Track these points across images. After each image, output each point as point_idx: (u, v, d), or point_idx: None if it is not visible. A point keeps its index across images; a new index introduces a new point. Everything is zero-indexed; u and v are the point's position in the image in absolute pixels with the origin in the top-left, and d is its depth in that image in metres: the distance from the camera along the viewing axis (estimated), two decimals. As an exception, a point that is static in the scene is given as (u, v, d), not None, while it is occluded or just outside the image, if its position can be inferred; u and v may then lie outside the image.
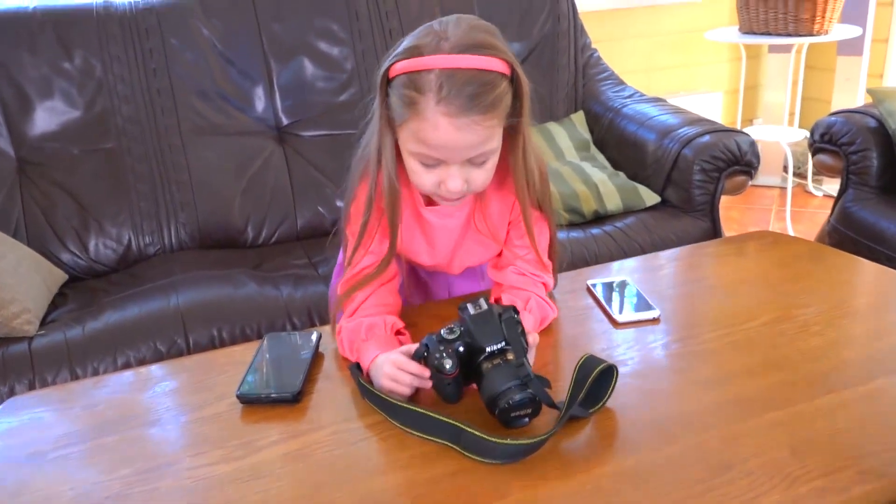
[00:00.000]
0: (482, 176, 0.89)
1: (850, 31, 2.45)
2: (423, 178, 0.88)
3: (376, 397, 0.84)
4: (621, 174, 1.83)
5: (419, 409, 0.80)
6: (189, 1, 1.83)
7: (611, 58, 2.27)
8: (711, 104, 2.92)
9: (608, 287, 1.10)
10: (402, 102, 0.83)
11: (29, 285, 1.43)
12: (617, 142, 1.93)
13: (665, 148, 1.77)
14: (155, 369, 0.98)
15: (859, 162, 1.74)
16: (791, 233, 2.59)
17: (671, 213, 1.73)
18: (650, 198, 1.75)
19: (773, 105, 2.97)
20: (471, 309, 0.82)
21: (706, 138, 1.71)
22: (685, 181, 1.71)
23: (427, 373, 0.83)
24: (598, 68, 2.14)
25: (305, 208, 1.83)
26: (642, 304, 1.04)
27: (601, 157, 1.92)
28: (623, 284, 1.11)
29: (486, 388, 0.78)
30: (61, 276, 1.62)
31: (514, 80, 0.84)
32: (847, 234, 1.73)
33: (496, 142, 0.87)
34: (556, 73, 2.06)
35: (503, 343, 0.79)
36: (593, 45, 2.18)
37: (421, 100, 0.81)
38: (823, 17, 2.32)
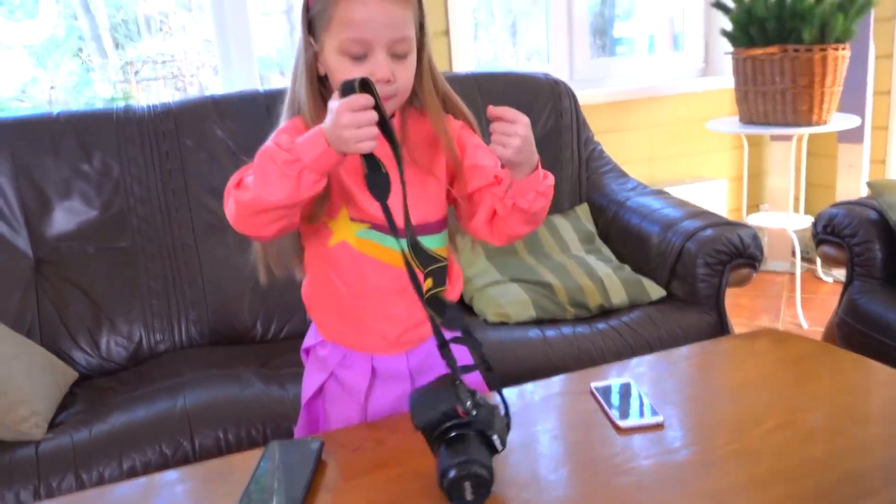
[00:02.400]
0: (405, 71, 0.97)
1: (848, 122, 2.51)
2: (352, 74, 0.89)
3: None
4: (626, 267, 1.85)
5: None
6: (205, 104, 1.91)
7: (613, 149, 2.33)
8: (716, 191, 2.96)
9: (611, 390, 1.10)
10: None
11: (40, 386, 1.45)
12: (621, 234, 1.96)
13: (669, 241, 1.79)
14: (158, 479, 0.98)
15: (863, 254, 1.75)
16: (802, 321, 2.58)
17: (677, 307, 1.74)
18: (655, 291, 1.76)
19: (778, 191, 3.01)
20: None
21: (708, 232, 1.73)
22: (690, 275, 1.72)
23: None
24: (601, 161, 2.19)
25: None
26: (646, 410, 1.04)
27: (606, 250, 1.94)
28: (627, 387, 1.10)
29: (442, 455, 0.82)
30: (72, 376, 1.63)
31: None
32: (855, 327, 1.73)
33: (413, 33, 0.97)
34: (560, 167, 2.11)
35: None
36: (595, 138, 2.24)
37: None
38: (821, 109, 2.38)
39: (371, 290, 1.05)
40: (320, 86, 1.01)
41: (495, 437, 0.84)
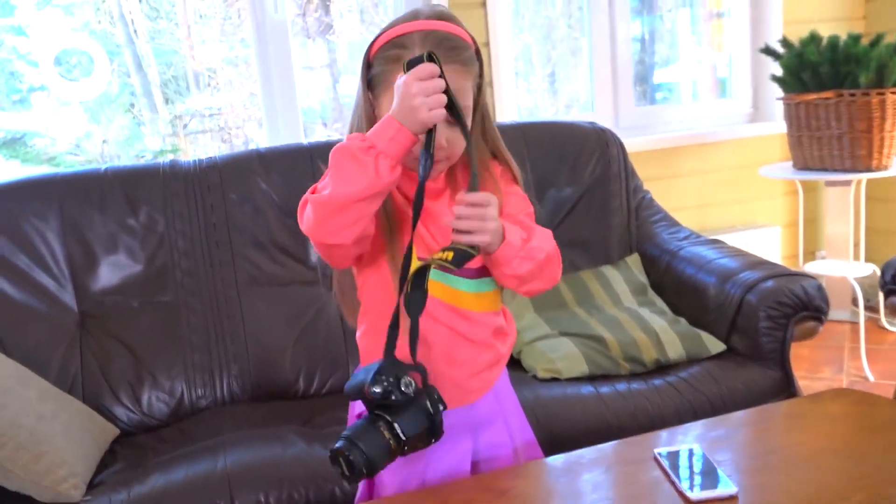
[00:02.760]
0: (459, 137, 0.97)
1: (910, 165, 2.40)
2: None
3: None
4: (682, 320, 1.77)
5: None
6: (249, 158, 1.91)
7: (661, 197, 2.26)
8: (770, 238, 2.85)
9: (678, 457, 1.02)
10: (387, 61, 0.97)
11: (79, 446, 1.42)
12: (675, 286, 1.88)
13: (727, 293, 1.71)
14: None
15: (939, 305, 1.64)
16: (868, 374, 2.44)
17: (738, 362, 1.65)
18: (715, 346, 1.68)
19: (837, 237, 2.88)
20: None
21: (770, 283, 1.65)
22: (751, 328, 1.64)
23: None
24: (651, 210, 2.12)
25: (356, 358, 1.79)
26: (717, 479, 0.96)
27: (660, 302, 1.87)
28: (692, 453, 1.02)
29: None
30: (113, 432, 1.61)
31: (478, 53, 1.02)
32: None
33: (470, 101, 0.99)
34: (609, 217, 2.05)
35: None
36: (644, 187, 2.18)
37: (406, 53, 0.94)
38: (881, 154, 2.29)
39: (435, 333, 1.02)
40: None
41: (396, 426, 0.90)
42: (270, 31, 2.28)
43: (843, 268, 2.64)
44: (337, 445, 0.91)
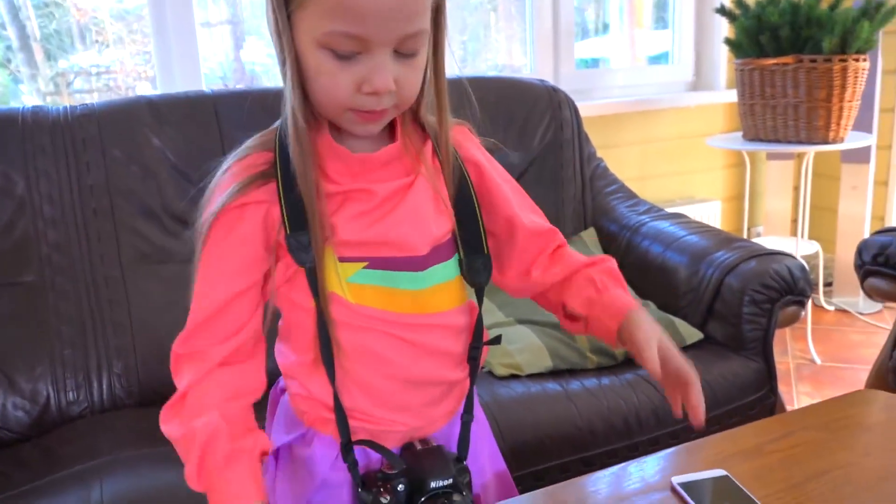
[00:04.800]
0: (412, 75, 0.69)
1: (861, 140, 2.29)
2: (337, 80, 0.65)
3: None
4: (651, 304, 1.56)
5: None
6: (138, 105, 1.55)
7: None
8: (710, 213, 2.71)
9: (703, 490, 0.80)
10: None
11: None
12: (638, 266, 1.67)
13: (702, 275, 1.51)
14: None
15: (926, 288, 1.50)
16: (815, 356, 2.34)
17: (717, 353, 1.45)
18: (691, 334, 1.47)
19: (777, 213, 2.78)
20: (418, 445, 0.76)
21: (752, 264, 1.45)
22: (732, 315, 1.44)
23: None
24: (606, 180, 1.90)
25: (271, 352, 1.49)
26: None
27: (622, 284, 1.65)
28: (725, 482, 0.80)
29: None
30: (-48, 452, 1.25)
31: None
32: (918, 372, 1.47)
33: (428, 23, 0.67)
34: (562, 187, 1.82)
35: (450, 480, 0.72)
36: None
37: None
38: (839, 125, 2.15)
39: (377, 358, 0.74)
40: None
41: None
42: (165, -25, 1.91)
43: (787, 245, 2.53)
44: None
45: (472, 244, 0.77)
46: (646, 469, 0.86)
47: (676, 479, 0.81)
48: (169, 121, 1.55)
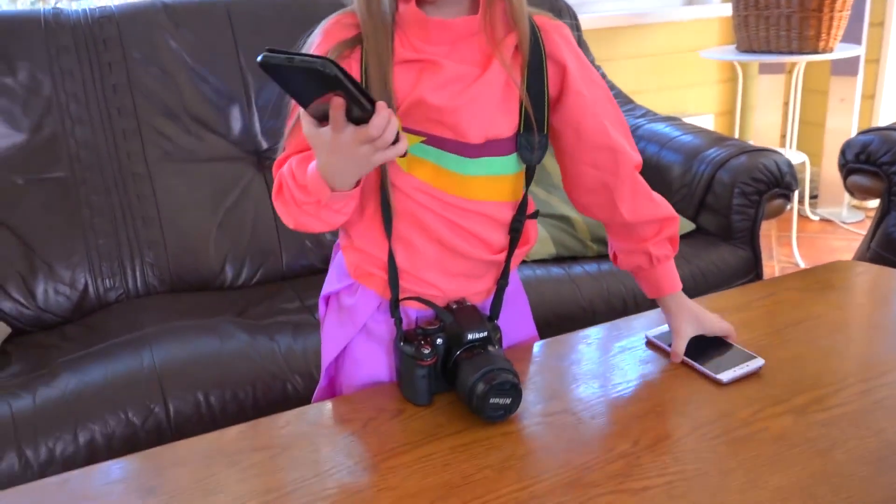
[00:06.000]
0: None
1: (850, 51, 2.36)
2: None
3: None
4: (647, 199, 1.66)
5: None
6: (154, 8, 1.60)
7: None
8: (702, 126, 2.79)
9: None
10: None
11: (-37, 345, 1.16)
12: (636, 164, 1.76)
13: (695, 171, 1.61)
14: (132, 464, 0.74)
15: (904, 182, 1.60)
16: (799, 260, 2.47)
17: (708, 242, 1.56)
18: (684, 226, 1.58)
19: (766, 127, 2.87)
20: (454, 305, 0.82)
21: (742, 159, 1.55)
22: (723, 206, 1.55)
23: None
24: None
25: (291, 243, 1.59)
26: (738, 354, 0.85)
27: (620, 182, 1.75)
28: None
29: (463, 373, 0.75)
30: (3, 330, 1.35)
31: None
32: (892, 260, 1.59)
33: None
34: (563, 92, 1.89)
35: (485, 333, 0.78)
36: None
37: None
38: (829, 35, 2.22)
39: (423, 226, 0.82)
40: None
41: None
42: None
43: (775, 156, 2.62)
44: (481, 388, 0.73)
45: (531, 123, 0.80)
46: (633, 326, 0.97)
47: (650, 333, 0.92)
48: (185, 24, 1.60)
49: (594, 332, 0.96)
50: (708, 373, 0.82)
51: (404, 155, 0.70)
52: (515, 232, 0.85)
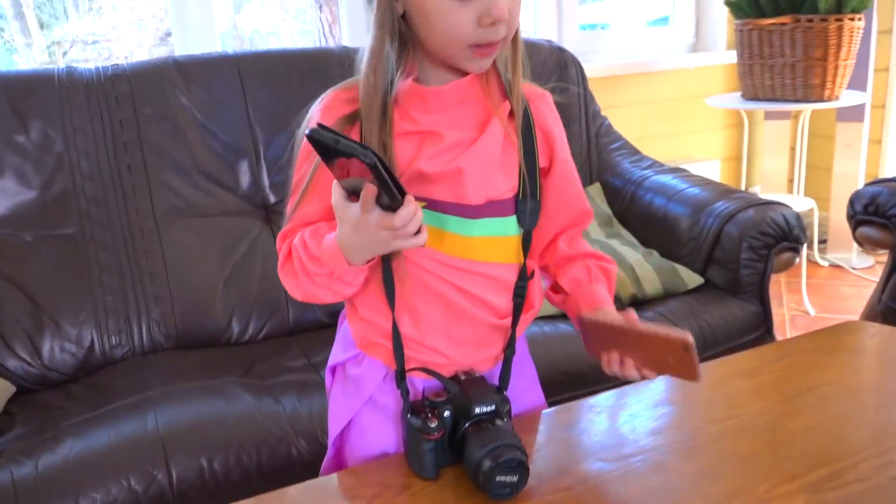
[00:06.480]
0: (515, 6, 0.76)
1: (856, 98, 2.37)
2: (458, 18, 0.72)
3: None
4: (654, 252, 1.65)
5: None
6: (166, 65, 1.62)
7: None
8: (708, 173, 2.79)
9: None
10: None
11: (-33, 408, 1.16)
12: (642, 217, 1.76)
13: (703, 224, 1.60)
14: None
15: (914, 235, 1.59)
16: (809, 307, 2.44)
17: (716, 296, 1.55)
18: (692, 279, 1.57)
19: (773, 173, 2.87)
20: (462, 376, 0.81)
21: (750, 213, 1.55)
22: (731, 260, 1.54)
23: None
24: (610, 137, 1.98)
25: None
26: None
27: (627, 234, 1.74)
28: None
29: (470, 448, 0.74)
30: (8, 390, 1.34)
31: None
32: (905, 315, 1.57)
33: None
34: (569, 144, 1.89)
35: (493, 407, 0.77)
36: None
37: None
38: (834, 83, 2.23)
39: (428, 291, 0.81)
40: (401, 24, 0.76)
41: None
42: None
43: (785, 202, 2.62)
44: (487, 465, 0.72)
45: (527, 189, 0.81)
46: (640, 391, 0.96)
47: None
48: (195, 80, 1.62)
49: (602, 400, 0.95)
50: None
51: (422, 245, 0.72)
52: (519, 298, 0.84)
